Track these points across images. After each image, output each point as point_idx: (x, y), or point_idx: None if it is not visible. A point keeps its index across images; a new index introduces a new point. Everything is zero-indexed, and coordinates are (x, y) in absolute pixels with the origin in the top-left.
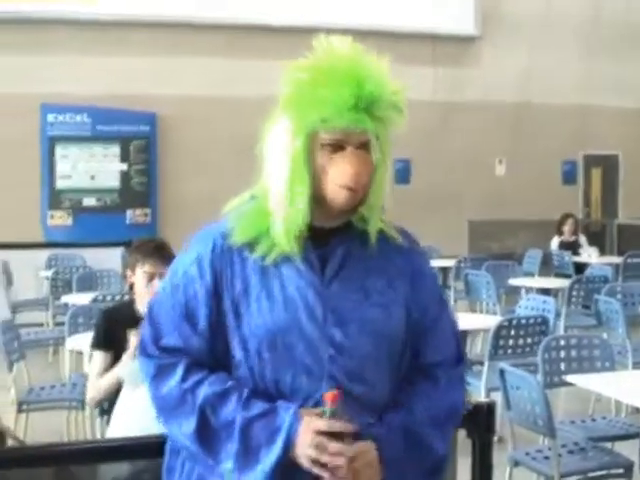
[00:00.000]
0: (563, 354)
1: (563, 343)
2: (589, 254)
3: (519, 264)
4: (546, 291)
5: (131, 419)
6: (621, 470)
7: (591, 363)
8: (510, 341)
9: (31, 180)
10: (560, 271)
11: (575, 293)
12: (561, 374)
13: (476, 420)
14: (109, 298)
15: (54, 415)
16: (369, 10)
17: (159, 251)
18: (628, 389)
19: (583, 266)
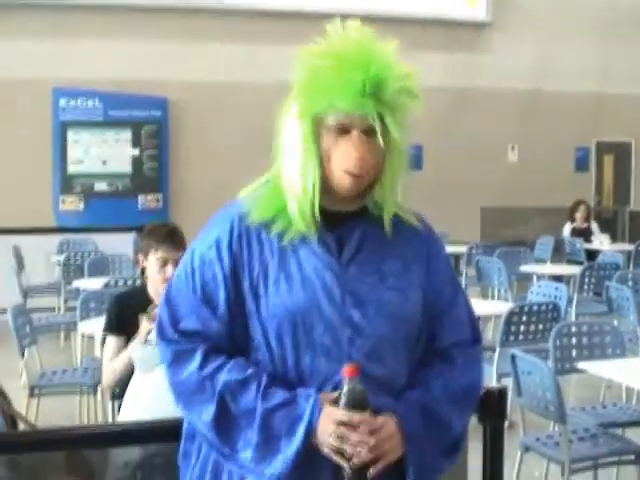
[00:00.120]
0: (574, 341)
1: (574, 330)
2: (601, 241)
3: (531, 251)
4: (558, 278)
5: (143, 403)
6: (632, 456)
7: (602, 350)
8: (521, 327)
9: (43, 165)
10: (572, 258)
11: (586, 280)
12: (572, 361)
13: (487, 406)
14: (121, 283)
15: (66, 400)
16: None
17: (172, 237)
18: (639, 376)
19: (595, 253)
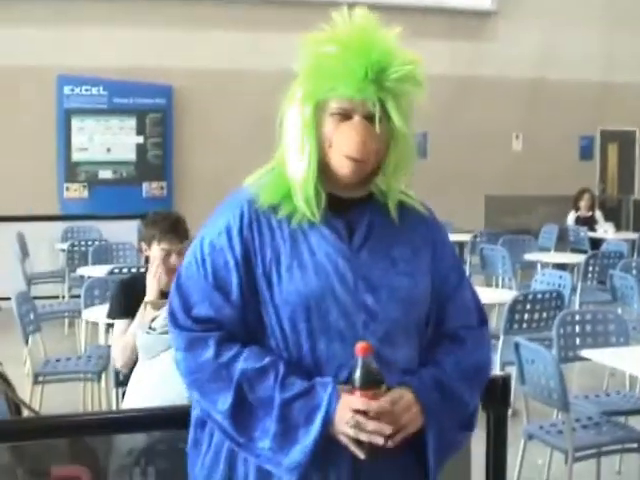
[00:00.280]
0: (578, 329)
1: (578, 318)
2: (605, 230)
3: (535, 239)
4: (562, 266)
5: (146, 390)
6: (635, 444)
7: (606, 338)
8: (525, 315)
9: (47, 153)
10: (576, 246)
11: (590, 268)
12: (576, 349)
13: (491, 393)
14: (125, 271)
15: (70, 387)
16: None
17: (176, 228)
18: None
19: (599, 241)
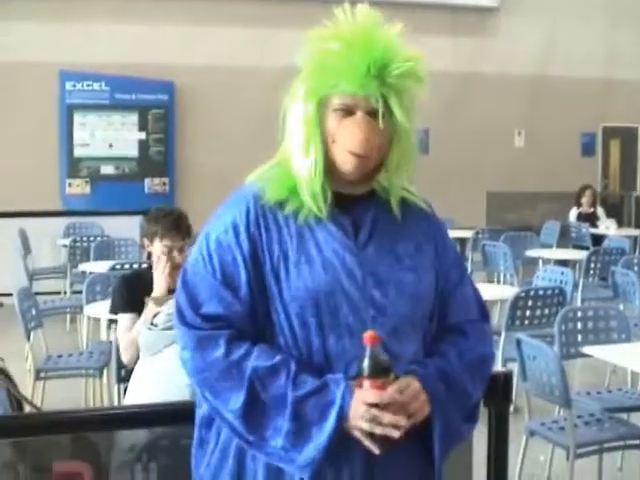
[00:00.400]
0: (580, 325)
1: (580, 314)
2: (607, 226)
3: (537, 235)
4: (564, 263)
5: (148, 386)
6: (637, 441)
7: (607, 335)
8: (527, 312)
9: (49, 148)
10: (578, 243)
11: (592, 265)
12: (577, 345)
13: (493, 390)
14: (127, 266)
15: (71, 383)
16: None
17: (178, 225)
18: None
19: (601, 238)
